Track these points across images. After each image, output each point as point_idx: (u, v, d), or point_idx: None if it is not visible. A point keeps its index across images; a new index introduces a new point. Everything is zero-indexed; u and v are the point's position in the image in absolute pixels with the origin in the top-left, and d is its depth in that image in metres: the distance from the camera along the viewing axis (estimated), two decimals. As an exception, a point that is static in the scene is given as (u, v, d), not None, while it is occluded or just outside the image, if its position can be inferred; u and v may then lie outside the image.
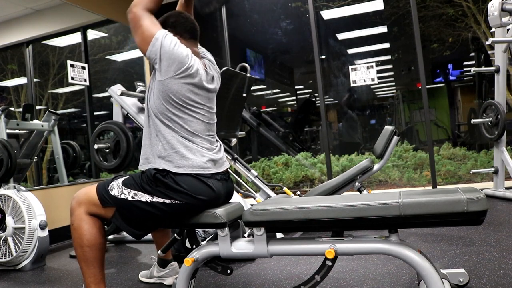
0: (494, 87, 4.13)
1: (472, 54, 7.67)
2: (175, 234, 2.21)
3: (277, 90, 8.82)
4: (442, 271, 1.79)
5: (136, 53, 6.71)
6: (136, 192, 1.70)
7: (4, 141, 3.18)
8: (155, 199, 1.67)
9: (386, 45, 7.97)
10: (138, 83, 3.45)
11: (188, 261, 1.62)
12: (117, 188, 1.73)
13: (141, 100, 3.44)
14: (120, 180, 1.76)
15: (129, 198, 1.69)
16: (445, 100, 8.97)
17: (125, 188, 1.71)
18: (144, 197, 1.68)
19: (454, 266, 2.15)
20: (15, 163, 3.13)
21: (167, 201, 1.66)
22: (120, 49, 6.83)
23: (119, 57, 7.02)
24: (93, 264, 1.76)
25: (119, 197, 1.71)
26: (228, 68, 2.90)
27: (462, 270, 1.85)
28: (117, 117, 3.47)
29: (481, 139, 5.09)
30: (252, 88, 3.53)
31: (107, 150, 3.40)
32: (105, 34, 6.56)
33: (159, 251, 2.27)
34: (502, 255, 2.27)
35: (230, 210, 1.72)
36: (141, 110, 3.37)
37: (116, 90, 3.36)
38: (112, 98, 3.46)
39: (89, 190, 1.79)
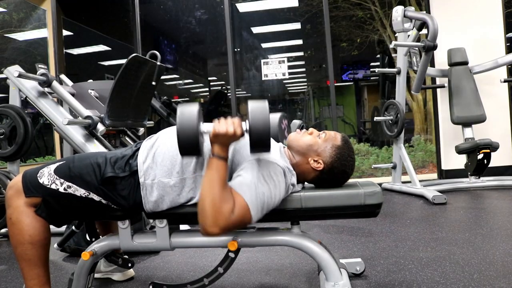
0: (396, 87, 4.40)
1: (378, 55, 8.12)
2: (73, 227, 2.10)
3: (190, 81, 8.69)
4: (341, 260, 1.86)
5: (39, 34, 6.25)
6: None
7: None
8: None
9: (299, 42, 8.16)
10: (40, 65, 3.22)
11: (86, 254, 1.53)
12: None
13: (42, 83, 3.21)
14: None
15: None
16: (353, 98, 9.42)
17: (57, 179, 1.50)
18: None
19: (353, 255, 2.25)
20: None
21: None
22: (22, 27, 6.33)
23: (20, 36, 6.50)
24: (37, 264, 1.50)
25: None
26: (137, 55, 2.79)
27: (359, 260, 1.94)
28: (14, 100, 3.23)
29: (383, 136, 5.40)
30: (165, 77, 3.44)
31: (2, 136, 3.16)
32: (4, 10, 6.05)
33: (55, 244, 2.14)
34: (395, 244, 2.43)
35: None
36: (42, 94, 3.15)
37: (13, 71, 3.11)
38: (9, 80, 3.22)
39: None
